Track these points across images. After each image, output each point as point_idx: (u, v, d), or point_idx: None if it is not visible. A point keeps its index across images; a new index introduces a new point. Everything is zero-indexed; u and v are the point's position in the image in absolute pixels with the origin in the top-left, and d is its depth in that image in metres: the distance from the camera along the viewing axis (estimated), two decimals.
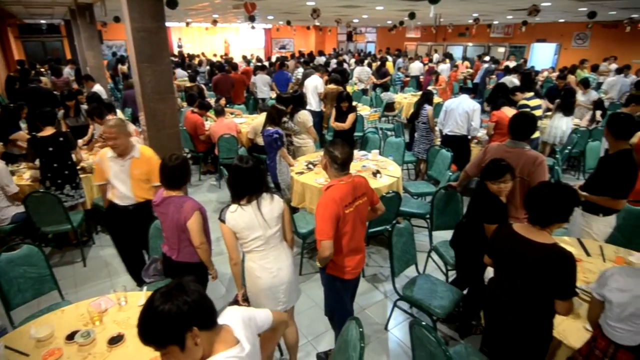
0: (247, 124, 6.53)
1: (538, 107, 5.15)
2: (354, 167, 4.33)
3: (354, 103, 8.21)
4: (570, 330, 2.00)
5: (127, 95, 7.50)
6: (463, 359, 2.20)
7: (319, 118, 6.99)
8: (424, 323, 1.92)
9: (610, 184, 2.77)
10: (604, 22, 12.42)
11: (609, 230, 2.94)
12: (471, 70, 12.47)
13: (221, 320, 1.34)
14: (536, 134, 5.11)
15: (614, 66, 9.89)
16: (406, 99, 8.81)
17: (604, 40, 13.16)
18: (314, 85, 6.91)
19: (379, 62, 11.57)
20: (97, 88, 6.96)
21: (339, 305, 2.54)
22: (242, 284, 2.38)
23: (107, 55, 14.33)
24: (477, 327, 2.91)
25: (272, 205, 2.26)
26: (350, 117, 4.96)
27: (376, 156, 4.70)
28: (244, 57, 14.08)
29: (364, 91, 9.81)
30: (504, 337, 2.08)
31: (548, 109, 6.51)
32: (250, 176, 2.19)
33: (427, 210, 3.94)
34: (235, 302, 2.43)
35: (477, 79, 11.27)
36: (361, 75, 10.30)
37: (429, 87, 9.22)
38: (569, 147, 5.53)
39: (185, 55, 15.71)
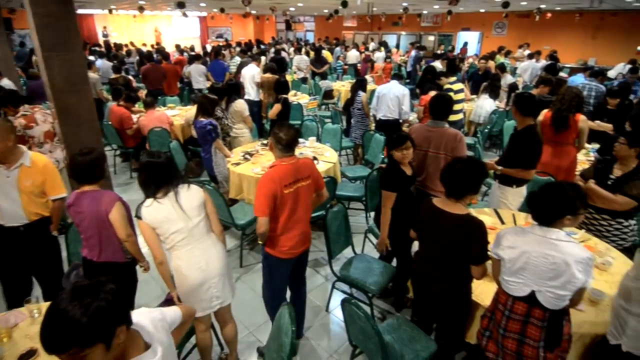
0: (180, 116, 6.23)
1: (461, 90, 5.44)
2: None
3: (292, 92, 8.23)
4: (487, 292, 2.15)
5: (32, 87, 6.58)
6: (395, 330, 2.30)
7: (258, 107, 6.86)
8: (353, 300, 1.97)
9: (520, 156, 3.02)
10: (517, 12, 13.42)
11: (521, 200, 3.21)
12: (405, 58, 12.90)
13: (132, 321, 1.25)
14: (459, 116, 5.41)
15: (527, 52, 10.74)
16: (344, 87, 8.92)
17: (518, 28, 14.25)
18: (251, 75, 6.75)
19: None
20: (6, 82, 6.22)
21: (272, 284, 2.55)
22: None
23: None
24: (410, 299, 3.06)
25: (190, 195, 2.17)
26: (275, 108, 4.87)
27: (313, 143, 4.72)
28: (177, 47, 13.35)
29: (304, 80, 9.77)
30: (429, 305, 2.20)
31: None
32: (165, 170, 2.10)
33: (363, 193, 4.04)
34: (168, 302, 2.32)
35: (408, 67, 11.70)
36: (300, 64, 10.24)
37: (366, 75, 9.40)
38: (489, 127, 5.93)
39: (112, 45, 14.55)
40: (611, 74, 9.36)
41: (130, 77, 8.19)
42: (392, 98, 4.97)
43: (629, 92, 5.23)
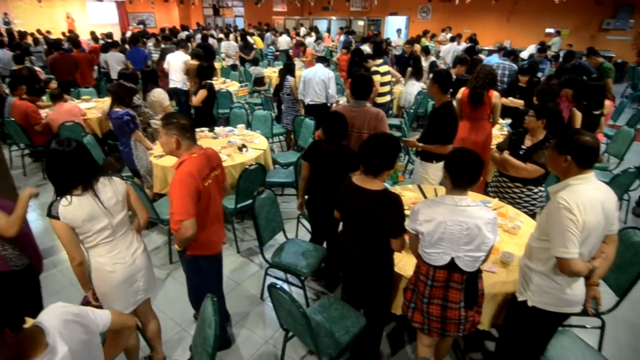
0: (96, 108, 5.70)
1: (387, 72, 5.57)
2: (219, 144, 4.16)
3: (221, 79, 7.90)
4: (410, 264, 2.22)
5: None
6: (326, 310, 2.31)
7: (186, 97, 6.49)
8: (278, 285, 1.93)
9: (438, 132, 3.15)
10: None
11: (441, 174, 3.36)
12: (336, 43, 12.94)
13: (37, 320, 1.22)
14: (387, 98, 5.55)
15: (449, 35, 11.29)
16: (275, 73, 8.73)
17: (442, 13, 14.92)
18: (179, 62, 6.34)
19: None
20: None
21: (206, 287, 2.41)
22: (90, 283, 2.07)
23: None
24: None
25: (113, 189, 1.99)
26: (200, 94, 4.63)
27: (242, 131, 4.56)
28: (92, 34, 12.19)
29: (233, 67, 9.42)
30: (355, 281, 2.23)
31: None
32: (77, 160, 1.86)
33: (294, 179, 4.00)
34: (86, 304, 2.11)
35: (338, 51, 11.75)
36: (228, 50, 9.85)
37: (296, 59, 9.29)
38: (414, 107, 6.15)
39: (16, 33, 12.89)
40: (524, 54, 10.14)
41: (38, 68, 7.31)
42: (318, 82, 4.94)
43: (537, 70, 5.68)
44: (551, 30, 12.35)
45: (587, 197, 1.67)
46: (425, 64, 7.56)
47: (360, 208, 2.02)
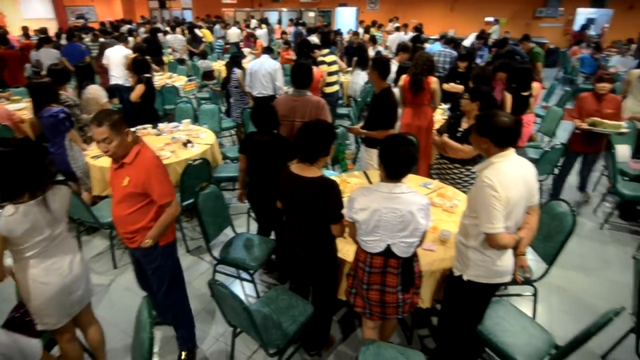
0: (28, 109, 5.24)
1: (334, 62, 5.56)
2: (162, 141, 3.97)
3: (167, 74, 7.54)
4: (352, 250, 2.20)
5: None
6: (273, 301, 2.27)
7: (129, 93, 6.12)
8: (217, 281, 1.86)
9: (380, 118, 3.17)
10: None
11: None
12: (287, 35, 12.76)
13: None
14: (334, 88, 5.55)
15: (396, 25, 11.47)
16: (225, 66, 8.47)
17: (389, 3, 15.17)
18: (119, 57, 5.96)
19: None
20: None
21: (181, 271, 2.36)
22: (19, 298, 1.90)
23: None
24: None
25: (61, 196, 1.83)
26: (137, 89, 4.39)
27: (188, 126, 4.38)
28: (24, 29, 11.22)
29: (180, 61, 9.03)
30: (301, 270, 2.21)
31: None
32: (19, 163, 1.64)
33: None
34: (12, 320, 1.93)
35: (291, 44, 11.60)
36: (174, 44, 9.43)
37: (246, 49, 9.06)
38: (362, 96, 6.20)
39: None
40: (466, 42, 10.49)
41: None
42: (264, 74, 4.83)
43: (474, 56, 5.91)
44: (491, 19, 12.89)
45: (508, 174, 1.73)
46: (372, 53, 7.63)
47: (299, 196, 1.99)
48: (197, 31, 10.42)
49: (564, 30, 13.02)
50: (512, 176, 1.73)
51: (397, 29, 10.01)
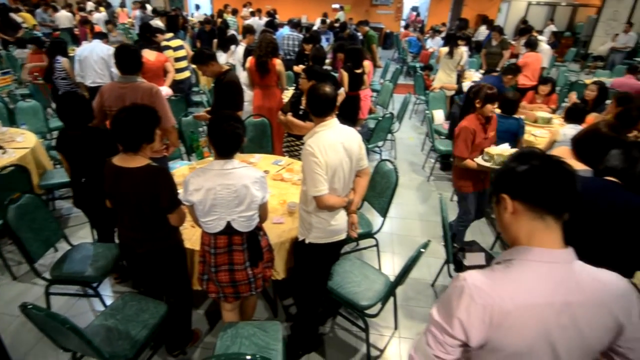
0: None
1: (180, 47, 5.12)
2: None
3: None
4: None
5: None
6: (120, 311, 2.00)
7: None
8: (30, 305, 1.53)
9: (227, 101, 3.03)
10: None
11: None
12: (132, 20, 11.31)
13: None
14: (186, 74, 5.15)
15: (250, 10, 11.22)
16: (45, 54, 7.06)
17: None
18: None
19: None
20: None
21: None
22: None
23: None
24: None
25: None
26: None
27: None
28: None
29: None
30: (143, 269, 1.99)
31: None
32: None
33: None
34: None
35: (136, 28, 10.37)
36: None
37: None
38: None
39: None
40: (315, 27, 10.93)
41: None
42: (96, 60, 4.17)
43: (318, 39, 6.12)
44: (337, 6, 13.69)
45: (327, 140, 1.82)
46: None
47: (126, 190, 1.76)
48: (13, 15, 8.44)
49: (394, 17, 14.64)
50: (331, 143, 1.83)
51: (252, 14, 9.80)
